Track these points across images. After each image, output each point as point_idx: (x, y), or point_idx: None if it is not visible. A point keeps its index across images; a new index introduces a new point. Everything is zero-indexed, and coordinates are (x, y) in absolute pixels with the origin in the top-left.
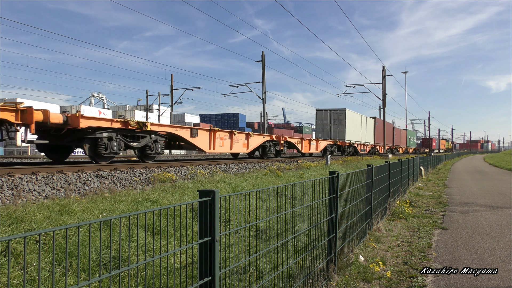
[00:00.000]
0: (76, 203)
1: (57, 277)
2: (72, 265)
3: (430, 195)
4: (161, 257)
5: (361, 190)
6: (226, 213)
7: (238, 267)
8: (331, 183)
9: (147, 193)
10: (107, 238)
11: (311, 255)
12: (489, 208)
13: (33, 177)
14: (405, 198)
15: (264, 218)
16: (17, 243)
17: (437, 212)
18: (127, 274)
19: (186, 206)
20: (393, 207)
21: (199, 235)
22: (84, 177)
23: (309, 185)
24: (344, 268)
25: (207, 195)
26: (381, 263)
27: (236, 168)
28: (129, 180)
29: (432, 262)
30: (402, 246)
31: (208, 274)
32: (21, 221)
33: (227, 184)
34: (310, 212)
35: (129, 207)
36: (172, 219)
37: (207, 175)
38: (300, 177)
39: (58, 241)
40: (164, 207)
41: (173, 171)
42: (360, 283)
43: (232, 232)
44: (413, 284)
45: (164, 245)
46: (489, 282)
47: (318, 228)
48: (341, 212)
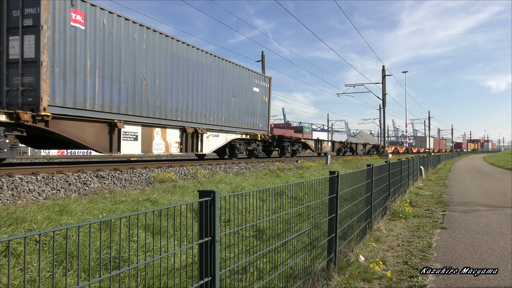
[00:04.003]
0: (76, 204)
1: (57, 278)
2: (72, 266)
3: (430, 195)
4: (161, 257)
5: (361, 190)
6: (226, 213)
7: (238, 267)
8: (331, 183)
9: (147, 193)
10: (107, 238)
11: (311, 255)
12: (489, 207)
13: (33, 177)
14: (405, 197)
15: (264, 218)
16: (17, 244)
17: (437, 212)
18: (127, 274)
19: (186, 206)
20: (393, 206)
21: (199, 235)
22: (84, 178)
23: (309, 185)
24: (345, 268)
25: (207, 195)
26: (381, 263)
27: (236, 168)
28: (129, 180)
29: (432, 261)
30: (402, 246)
31: (208, 274)
32: (21, 222)
33: (227, 184)
34: (310, 212)
35: (129, 207)
36: (172, 219)
37: (207, 175)
38: (300, 177)
39: (58, 241)
40: (164, 207)
41: (173, 171)
42: (361, 283)
43: (232, 232)
44: (413, 284)
45: (164, 245)
46: (489, 282)
47: (318, 228)
48: (341, 212)
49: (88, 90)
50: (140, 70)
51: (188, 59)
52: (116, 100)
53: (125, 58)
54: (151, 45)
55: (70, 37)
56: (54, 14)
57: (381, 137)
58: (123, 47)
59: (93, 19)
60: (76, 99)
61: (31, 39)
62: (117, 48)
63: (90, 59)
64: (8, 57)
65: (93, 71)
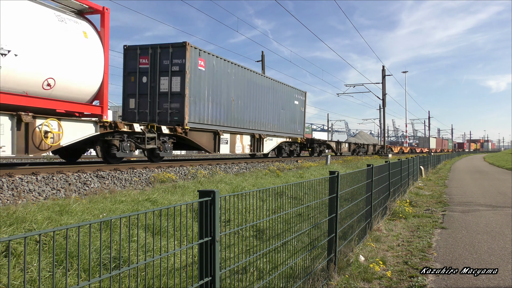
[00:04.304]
0: (76, 204)
1: (57, 278)
2: (72, 266)
3: (430, 195)
4: (161, 257)
5: (361, 190)
6: (226, 213)
7: (239, 267)
8: (331, 183)
9: (147, 193)
10: (107, 238)
11: (311, 255)
12: (489, 207)
13: (33, 177)
14: (405, 197)
15: (264, 218)
16: (18, 244)
17: (437, 212)
18: (127, 274)
19: (186, 206)
20: (393, 206)
21: (199, 235)
22: (84, 178)
23: (309, 185)
24: (344, 268)
25: (207, 195)
26: (381, 262)
27: (236, 168)
28: (129, 180)
29: (432, 261)
30: (402, 246)
31: (208, 274)
32: (21, 222)
33: (227, 184)
34: (310, 212)
35: (129, 207)
36: (172, 219)
37: (207, 175)
38: (300, 177)
39: (59, 241)
40: (164, 207)
41: (173, 171)
42: (361, 283)
43: (232, 232)
44: (413, 284)
45: (164, 245)
46: (489, 282)
47: (318, 228)
48: (341, 212)
49: (205, 111)
50: (230, 94)
51: (255, 83)
52: (218, 116)
53: (223, 87)
54: (236, 76)
55: (198, 76)
56: (191, 62)
57: (381, 137)
58: (222, 79)
59: (208, 63)
60: (199, 117)
61: (177, 79)
62: (219, 80)
63: (207, 90)
64: (159, 90)
65: (208, 98)
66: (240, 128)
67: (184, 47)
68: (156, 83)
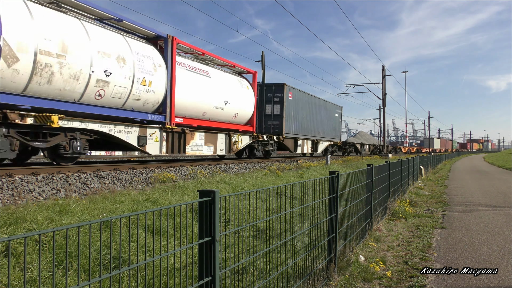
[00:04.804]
0: (76, 204)
1: (57, 278)
2: (72, 266)
3: (430, 195)
4: (161, 257)
5: (361, 190)
6: (226, 213)
7: (239, 267)
8: (331, 183)
9: (147, 193)
10: (107, 238)
11: (311, 255)
12: (489, 207)
13: (33, 177)
14: (405, 197)
15: (264, 218)
16: (18, 244)
17: (437, 212)
18: (127, 274)
19: (186, 206)
20: (393, 206)
21: (199, 235)
22: (84, 178)
23: (309, 185)
24: (345, 268)
25: (207, 195)
26: (381, 262)
27: (236, 168)
28: (129, 180)
29: (432, 261)
30: (402, 246)
31: (208, 274)
32: (21, 222)
33: (227, 184)
34: (310, 212)
35: (129, 208)
36: (172, 219)
37: (207, 175)
38: (300, 177)
39: (59, 241)
40: (164, 207)
41: (173, 171)
42: (361, 283)
43: (232, 232)
44: (413, 283)
45: (164, 245)
46: (489, 282)
47: (318, 228)
48: (341, 212)
49: (291, 126)
50: (302, 113)
51: (314, 104)
52: (296, 129)
53: (299, 109)
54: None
55: (288, 103)
56: (286, 95)
57: (381, 137)
58: (299, 104)
59: (294, 94)
60: (288, 129)
61: (278, 106)
62: (298, 105)
63: (293, 112)
64: (265, 113)
65: (293, 117)
66: (306, 136)
67: (282, 86)
68: (263, 108)
